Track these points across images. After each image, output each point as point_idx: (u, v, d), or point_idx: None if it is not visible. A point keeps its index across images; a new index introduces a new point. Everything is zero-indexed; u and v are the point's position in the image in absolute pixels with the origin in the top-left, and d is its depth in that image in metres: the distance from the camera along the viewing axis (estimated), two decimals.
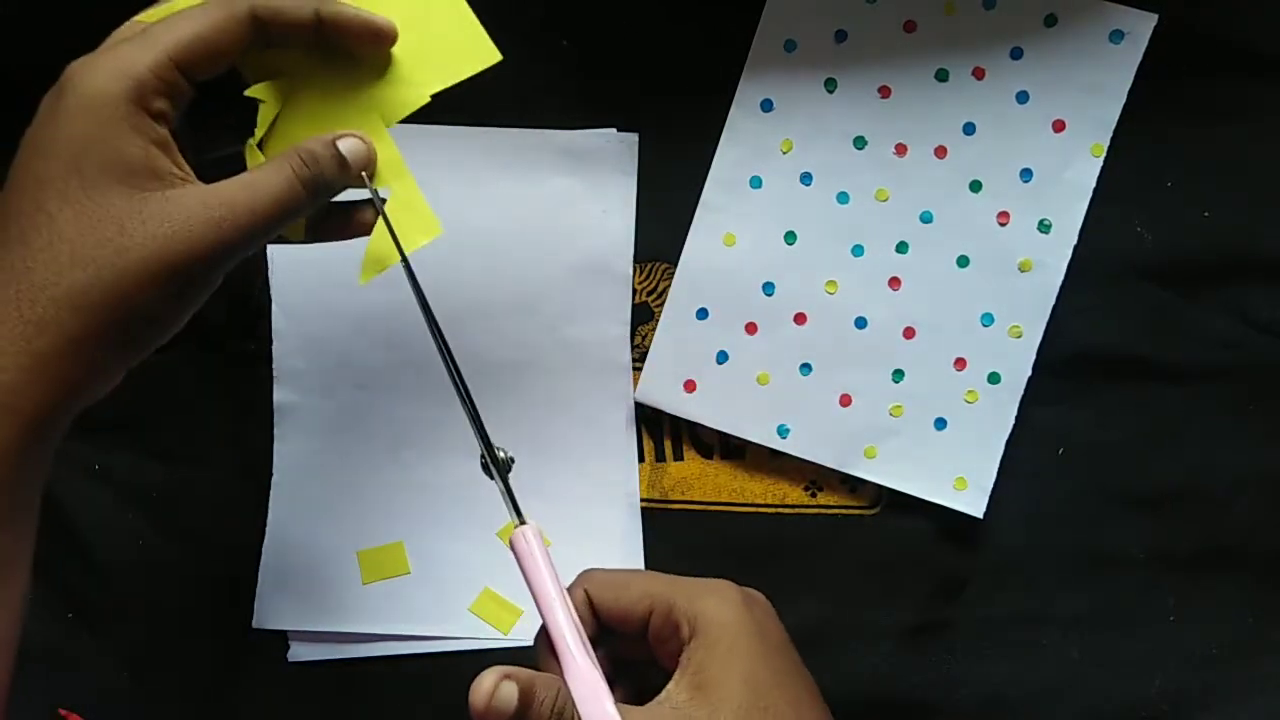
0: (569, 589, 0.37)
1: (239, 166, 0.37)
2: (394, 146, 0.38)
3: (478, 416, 0.38)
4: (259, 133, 0.38)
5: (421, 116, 0.48)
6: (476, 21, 0.40)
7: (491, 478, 0.38)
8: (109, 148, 0.32)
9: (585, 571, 0.39)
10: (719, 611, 0.36)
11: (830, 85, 0.49)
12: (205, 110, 0.36)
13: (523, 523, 0.37)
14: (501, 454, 0.38)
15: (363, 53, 0.38)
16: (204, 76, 0.35)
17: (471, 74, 0.39)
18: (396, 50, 0.38)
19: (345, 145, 0.36)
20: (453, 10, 0.39)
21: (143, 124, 0.33)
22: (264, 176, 0.34)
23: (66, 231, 0.32)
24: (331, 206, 0.39)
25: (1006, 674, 0.51)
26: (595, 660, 0.35)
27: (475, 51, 0.39)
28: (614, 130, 0.49)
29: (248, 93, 0.37)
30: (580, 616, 0.36)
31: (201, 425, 0.51)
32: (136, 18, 0.36)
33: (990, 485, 0.49)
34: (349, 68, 0.38)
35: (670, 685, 0.36)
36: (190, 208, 0.33)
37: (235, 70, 0.37)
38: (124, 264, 0.32)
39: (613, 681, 0.35)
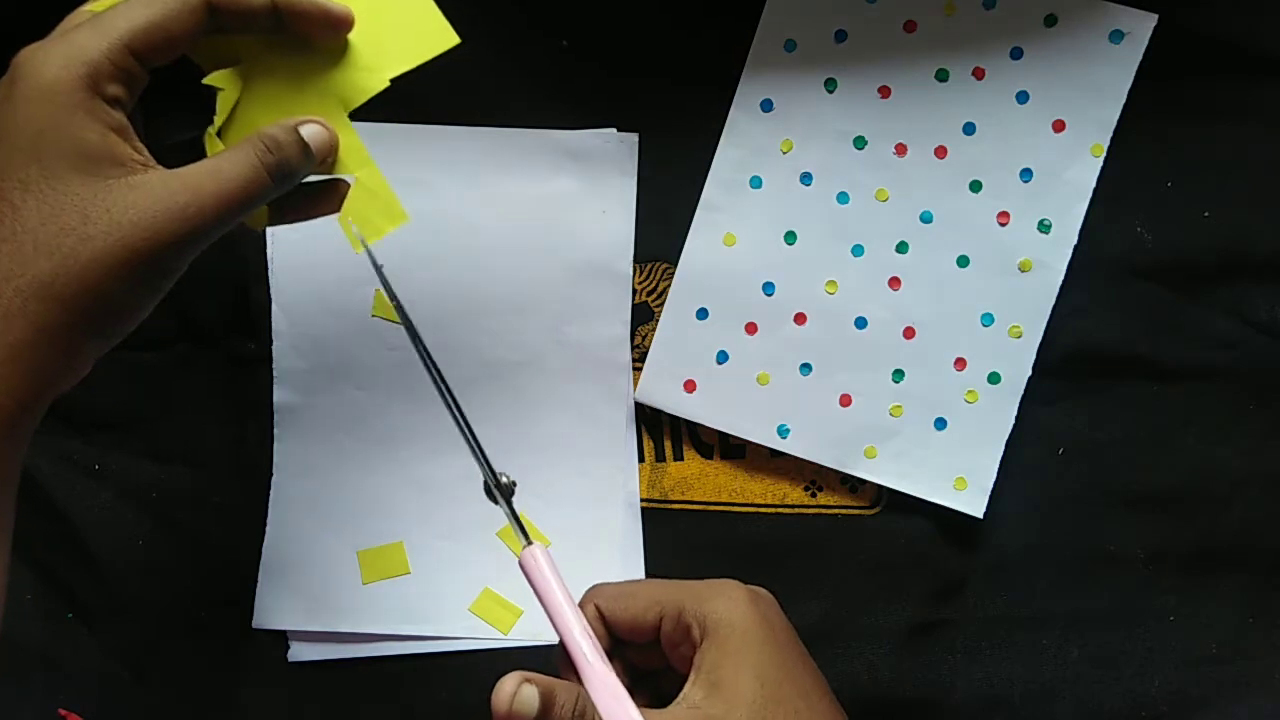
0: (579, 605, 0.38)
1: (198, 152, 0.37)
2: (355, 134, 0.38)
3: (478, 444, 0.38)
4: (218, 120, 0.37)
5: (422, 117, 0.49)
6: (434, 5, 0.39)
7: (495, 503, 0.38)
8: (66, 135, 0.32)
9: (593, 587, 0.39)
10: (728, 611, 0.37)
11: (830, 85, 0.49)
12: (161, 96, 0.36)
13: (529, 543, 0.37)
14: (504, 479, 0.38)
15: (319, 39, 0.37)
16: (158, 63, 0.34)
17: (429, 57, 0.39)
18: (354, 35, 0.38)
19: (307, 131, 0.36)
20: None
21: (98, 109, 0.33)
22: (229, 163, 0.34)
23: (29, 221, 0.32)
24: (294, 189, 0.38)
25: (1006, 674, 0.51)
26: (612, 668, 0.36)
27: (433, 35, 0.39)
28: (614, 130, 0.49)
29: (205, 81, 0.37)
30: (593, 630, 0.37)
31: (201, 425, 0.51)
32: (86, 5, 0.35)
33: (990, 485, 0.49)
34: (306, 54, 0.37)
35: (687, 687, 0.36)
36: (155, 195, 0.33)
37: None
38: (89, 253, 0.32)
39: (630, 692, 0.35)
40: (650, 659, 0.39)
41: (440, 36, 0.39)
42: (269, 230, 0.49)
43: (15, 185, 0.32)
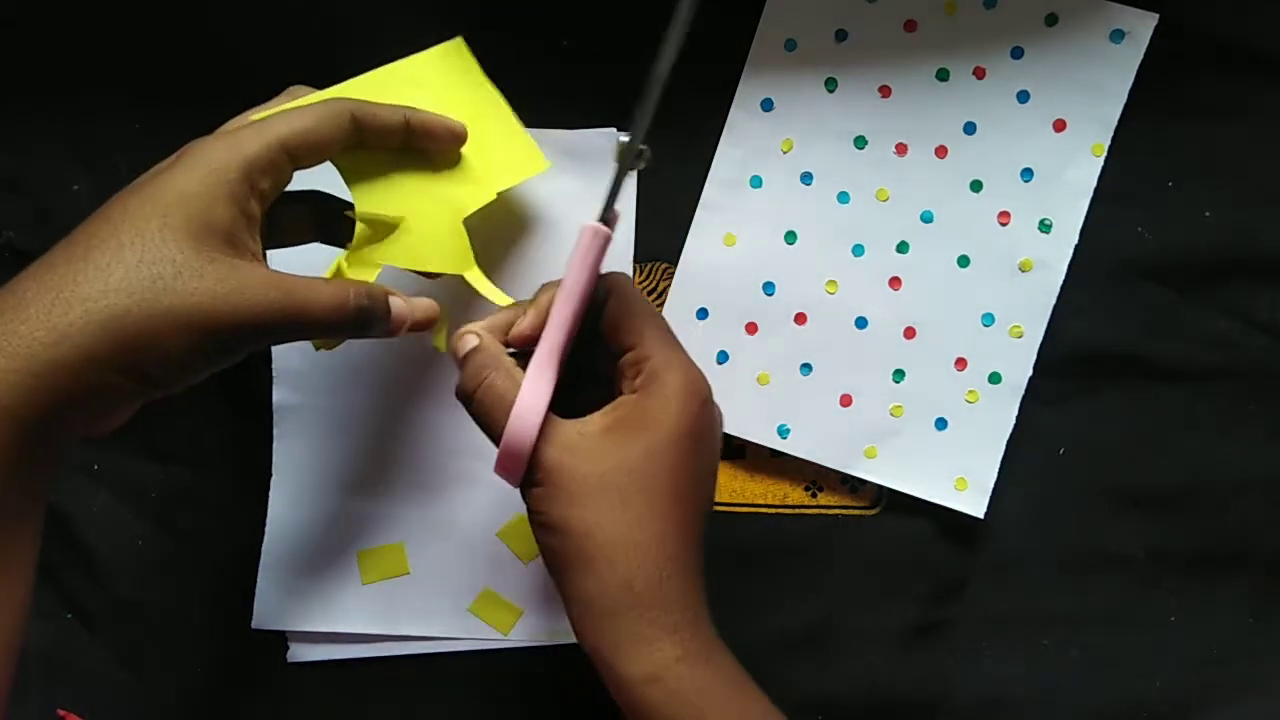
0: (604, 278, 0.39)
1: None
2: (467, 238, 0.44)
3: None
4: (352, 246, 0.41)
5: None
6: (527, 134, 0.47)
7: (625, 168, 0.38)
8: (203, 205, 0.35)
9: (624, 282, 0.40)
10: (669, 400, 0.37)
11: (830, 85, 0.49)
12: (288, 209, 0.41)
13: (603, 220, 0.38)
14: (643, 148, 0.38)
15: (440, 151, 0.43)
16: (306, 165, 0.38)
17: (527, 178, 0.47)
18: (467, 156, 0.44)
19: (394, 301, 0.40)
20: (506, 125, 0.46)
21: (242, 195, 0.36)
22: (327, 287, 0.37)
23: (128, 260, 0.33)
24: None
25: (1006, 674, 0.51)
26: (553, 373, 0.38)
27: (529, 160, 0.47)
28: (614, 130, 0.49)
29: (353, 215, 0.41)
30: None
31: (201, 425, 0.51)
32: (250, 115, 0.39)
33: (991, 485, 0.49)
34: (426, 170, 0.43)
35: (597, 414, 0.38)
36: (249, 281, 0.35)
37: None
38: (166, 304, 0.33)
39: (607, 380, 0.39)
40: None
41: (535, 161, 0.47)
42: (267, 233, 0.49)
43: (131, 230, 0.34)
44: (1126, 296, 0.50)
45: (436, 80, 0.45)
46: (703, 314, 0.50)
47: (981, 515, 0.49)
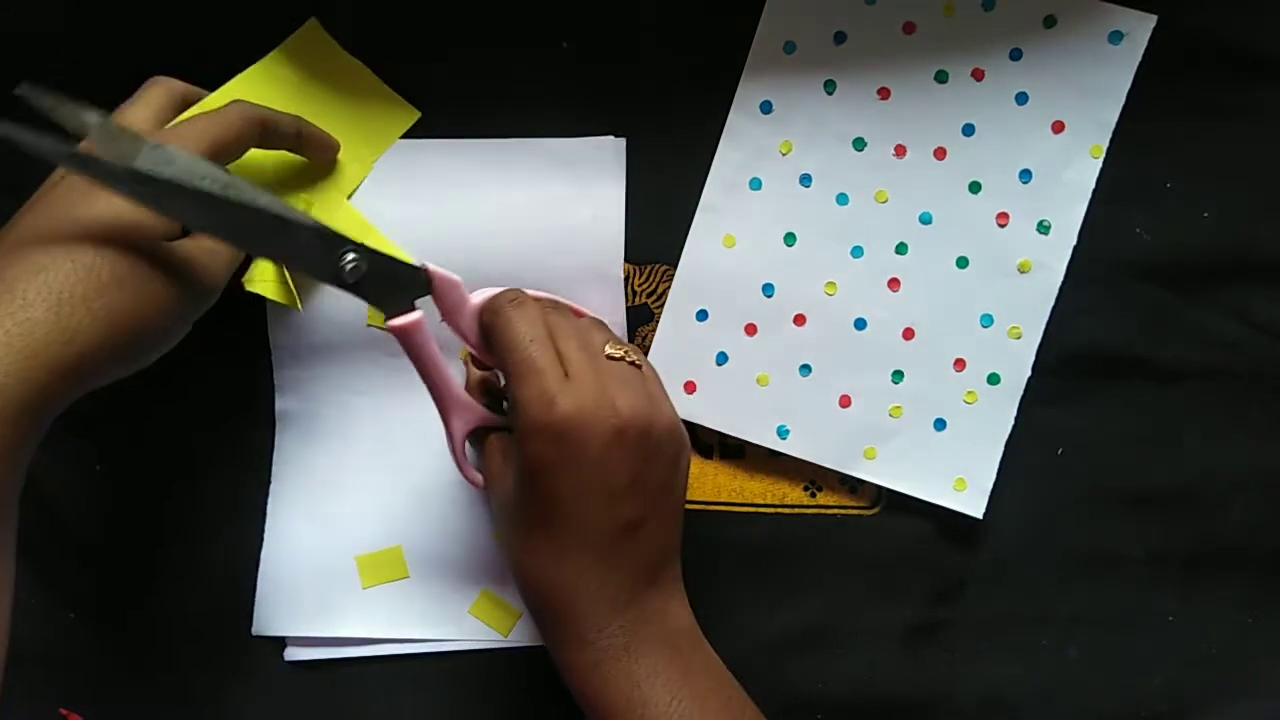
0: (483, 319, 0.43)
1: None
2: (356, 212, 0.48)
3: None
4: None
5: (425, 116, 0.49)
6: (391, 91, 0.49)
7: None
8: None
9: (496, 321, 0.42)
10: (518, 435, 0.40)
11: (830, 87, 0.49)
12: None
13: (394, 315, 0.42)
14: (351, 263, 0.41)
15: (319, 160, 0.48)
16: (225, 163, 0.43)
17: (399, 136, 0.49)
18: (345, 133, 0.48)
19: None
20: (373, 89, 0.49)
21: None
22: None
23: (111, 258, 0.38)
24: None
25: (1006, 674, 0.51)
26: (457, 417, 0.44)
27: (399, 116, 0.49)
28: (603, 136, 0.49)
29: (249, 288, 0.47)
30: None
31: (202, 428, 0.51)
32: (124, 111, 0.43)
33: (990, 486, 0.49)
34: (308, 162, 0.48)
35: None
36: (193, 255, 0.41)
37: None
38: (152, 289, 0.39)
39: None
40: None
41: (404, 115, 0.49)
42: None
43: (115, 246, 0.38)
44: (1126, 297, 0.50)
45: (302, 68, 0.48)
46: (702, 315, 0.50)
47: (980, 516, 0.50)
